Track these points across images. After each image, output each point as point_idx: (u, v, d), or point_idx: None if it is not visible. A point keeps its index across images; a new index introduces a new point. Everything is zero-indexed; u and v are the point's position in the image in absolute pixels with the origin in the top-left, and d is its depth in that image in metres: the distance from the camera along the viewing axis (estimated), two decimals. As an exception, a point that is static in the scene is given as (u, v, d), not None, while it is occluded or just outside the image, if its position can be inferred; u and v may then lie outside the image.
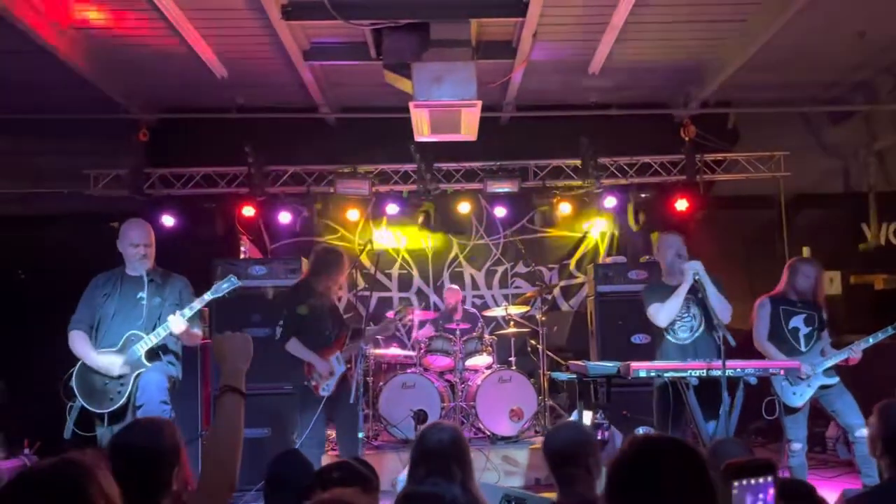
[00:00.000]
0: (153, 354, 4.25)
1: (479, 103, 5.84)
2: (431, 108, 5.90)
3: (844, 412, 4.66)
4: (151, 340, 4.19)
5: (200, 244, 7.61)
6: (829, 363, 4.73)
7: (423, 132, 6.37)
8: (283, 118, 7.83)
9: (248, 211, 7.89)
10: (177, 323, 4.15)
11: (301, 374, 5.11)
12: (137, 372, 4.18)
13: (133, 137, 7.68)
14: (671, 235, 4.78)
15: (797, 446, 4.70)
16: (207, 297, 4.28)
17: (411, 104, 5.82)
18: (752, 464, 1.14)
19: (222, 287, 4.31)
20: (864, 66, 7.42)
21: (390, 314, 5.99)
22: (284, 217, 8.09)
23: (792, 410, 4.69)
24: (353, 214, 8.13)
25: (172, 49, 6.38)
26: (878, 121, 8.29)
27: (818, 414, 4.96)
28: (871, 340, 4.75)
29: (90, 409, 4.16)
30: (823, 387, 4.72)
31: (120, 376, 4.16)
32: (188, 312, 4.20)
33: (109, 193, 7.85)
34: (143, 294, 4.27)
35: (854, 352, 4.73)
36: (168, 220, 7.71)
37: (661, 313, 4.55)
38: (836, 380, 4.75)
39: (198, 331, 4.45)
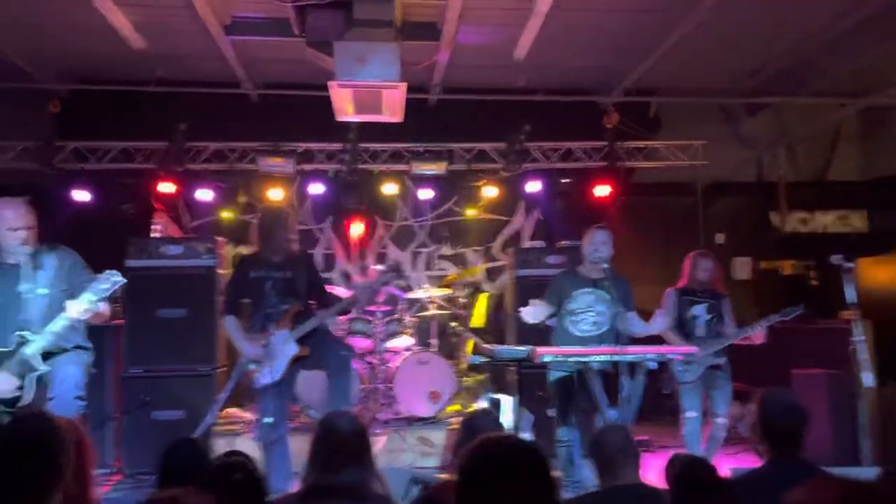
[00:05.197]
0: (58, 349, 3.92)
1: (404, 85, 5.80)
2: (354, 87, 5.85)
3: (716, 400, 5.16)
4: (45, 339, 3.80)
5: (115, 221, 7.38)
6: (716, 347, 5.13)
7: (346, 112, 6.32)
8: (204, 93, 7.63)
9: (168, 188, 7.67)
10: (75, 308, 3.78)
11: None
12: (36, 374, 3.83)
13: (43, 108, 7.36)
14: (601, 231, 4.87)
15: (692, 414, 5.09)
16: (90, 303, 3.79)
17: (333, 83, 5.76)
18: None
19: (101, 288, 3.80)
20: (778, 60, 7.68)
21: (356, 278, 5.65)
22: (205, 194, 7.91)
23: (684, 383, 5.09)
24: (276, 193, 7.99)
25: (84, 18, 6.11)
26: (789, 113, 8.63)
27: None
28: (758, 327, 5.10)
29: None
30: (712, 366, 5.14)
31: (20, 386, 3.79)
32: (92, 297, 3.78)
33: (17, 166, 7.51)
34: (26, 286, 3.90)
35: (738, 336, 5.14)
36: (81, 196, 7.43)
37: (530, 312, 4.82)
38: (723, 359, 5.18)
39: (104, 307, 4.01)
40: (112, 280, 3.81)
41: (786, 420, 2.70)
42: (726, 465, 5.22)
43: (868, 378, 4.31)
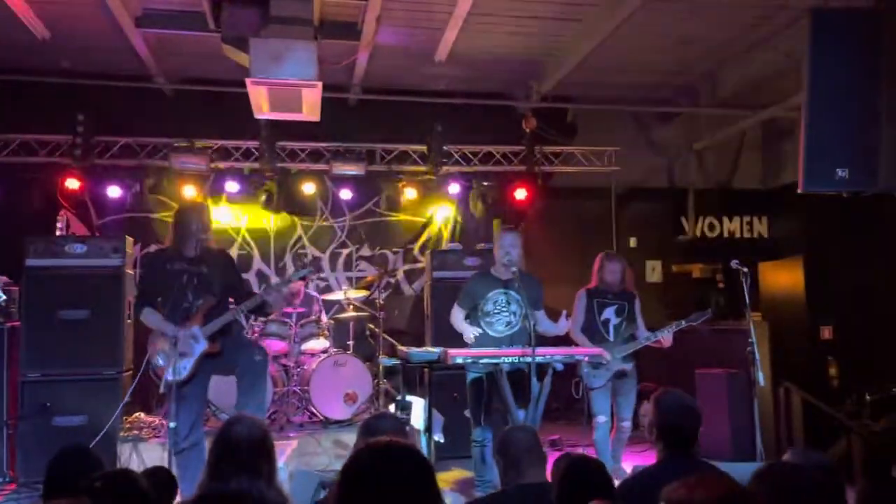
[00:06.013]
0: None
1: (320, 84, 5.75)
2: (270, 86, 5.76)
3: (621, 405, 5.31)
4: None
5: (15, 218, 7.03)
6: (625, 352, 5.26)
7: (262, 109, 6.21)
8: (114, 86, 7.36)
9: (73, 183, 7.35)
10: None
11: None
12: None
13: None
14: (510, 234, 4.92)
15: (602, 419, 5.21)
16: None
17: (248, 81, 5.65)
18: None
19: None
20: (686, 72, 8.01)
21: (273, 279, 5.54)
22: (114, 191, 7.62)
23: (594, 389, 5.18)
24: (189, 191, 7.75)
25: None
26: (698, 122, 8.98)
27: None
28: (667, 332, 5.25)
29: None
30: (620, 372, 5.24)
31: None
32: None
33: None
34: None
35: (648, 340, 5.28)
36: (-23, 191, 7.05)
37: (453, 317, 4.87)
38: (630, 365, 5.29)
39: None
40: None
41: (679, 420, 2.81)
42: (631, 464, 5.43)
43: (761, 377, 4.52)
